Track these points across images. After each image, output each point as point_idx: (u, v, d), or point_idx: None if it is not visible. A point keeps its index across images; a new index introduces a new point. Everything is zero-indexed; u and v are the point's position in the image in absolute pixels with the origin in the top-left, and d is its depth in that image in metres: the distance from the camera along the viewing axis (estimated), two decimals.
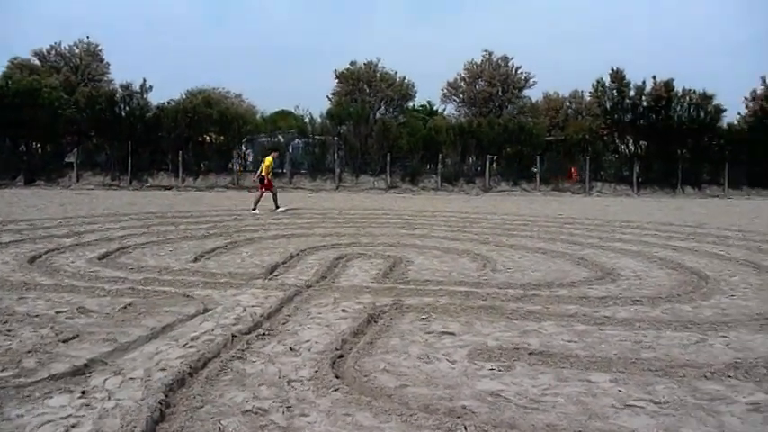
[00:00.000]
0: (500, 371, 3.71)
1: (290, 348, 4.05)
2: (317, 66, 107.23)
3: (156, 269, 7.03)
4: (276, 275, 6.81)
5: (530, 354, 4.00)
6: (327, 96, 40.04)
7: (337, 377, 3.51)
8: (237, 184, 31.05)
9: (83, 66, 42.32)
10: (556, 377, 3.62)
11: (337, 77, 39.39)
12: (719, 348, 4.24)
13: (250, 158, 34.32)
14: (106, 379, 3.44)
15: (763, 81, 35.67)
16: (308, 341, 4.23)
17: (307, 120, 35.04)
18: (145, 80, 32.89)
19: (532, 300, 5.71)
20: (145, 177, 31.38)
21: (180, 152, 31.13)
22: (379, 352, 4.04)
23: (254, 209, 15.86)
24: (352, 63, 38.96)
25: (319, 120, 34.68)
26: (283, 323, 4.71)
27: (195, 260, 7.80)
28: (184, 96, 38.72)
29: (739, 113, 36.97)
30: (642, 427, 2.95)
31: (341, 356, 3.90)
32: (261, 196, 16.38)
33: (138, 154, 31.28)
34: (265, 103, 76.68)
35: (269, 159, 17.07)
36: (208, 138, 33.39)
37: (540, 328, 4.72)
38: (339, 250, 8.78)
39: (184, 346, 4.06)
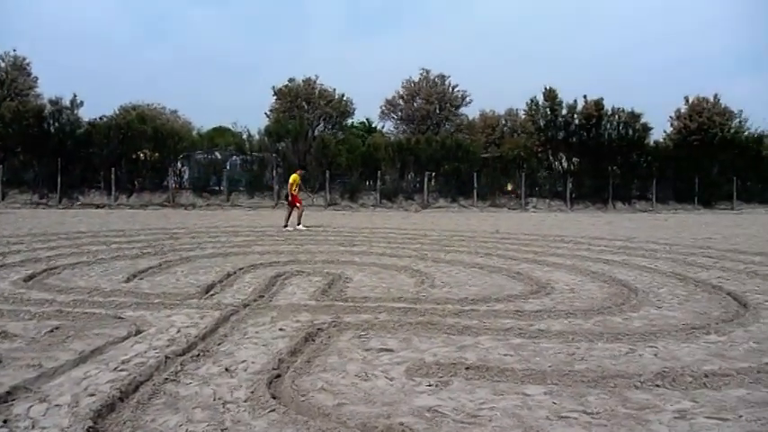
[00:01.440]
0: (437, 386, 3.73)
1: (226, 369, 3.97)
2: (255, 82, 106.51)
3: (86, 290, 6.78)
4: (212, 295, 6.67)
5: (467, 368, 4.04)
6: (266, 113, 39.91)
7: (274, 397, 3.45)
8: (173, 202, 30.43)
9: (9, 79, 40.78)
10: (492, 391, 3.66)
11: (275, 94, 39.27)
12: (648, 358, 4.38)
13: (186, 175, 33.72)
14: (30, 406, 3.28)
15: (687, 101, 37.39)
16: (244, 361, 4.15)
17: (245, 136, 34.82)
18: (75, 95, 32.05)
19: (470, 315, 5.77)
20: (75, 195, 30.42)
21: (113, 169, 30.31)
22: (317, 370, 4.00)
23: (298, 224, 16.68)
24: (291, 80, 38.98)
25: (257, 136, 34.55)
26: (219, 344, 4.61)
27: (127, 280, 7.56)
28: (117, 112, 37.90)
29: (665, 131, 38.73)
30: None
31: (278, 376, 3.85)
32: (300, 212, 17.01)
33: (69, 171, 30.31)
34: (202, 120, 75.82)
35: (294, 176, 17.23)
36: (142, 154, 32.65)
37: (476, 342, 4.77)
38: (277, 268, 8.68)
39: (115, 369, 3.92)
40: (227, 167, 33.06)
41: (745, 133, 37.11)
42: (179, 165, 33.61)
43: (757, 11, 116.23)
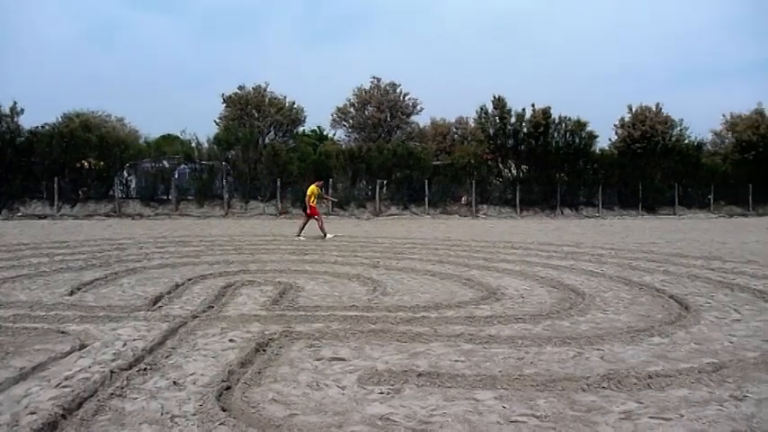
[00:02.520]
0: (389, 394, 3.73)
1: (174, 382, 3.89)
2: (204, 89, 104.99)
3: (27, 304, 6.55)
4: (160, 306, 6.54)
5: (418, 375, 4.06)
6: (215, 121, 39.34)
7: (224, 410, 3.40)
8: (119, 212, 29.72)
9: None
10: (443, 397, 3.68)
11: (225, 101, 38.76)
12: (595, 361, 4.48)
13: (133, 184, 32.98)
14: None
15: (630, 109, 38.48)
16: (193, 374, 4.08)
17: (193, 144, 34.21)
18: (15, 103, 30.99)
19: (421, 322, 5.80)
20: (16, 206, 29.40)
21: (56, 179, 29.43)
22: (268, 381, 3.96)
23: (324, 236, 16.37)
24: (241, 87, 38.52)
25: (207, 145, 33.98)
26: (167, 356, 4.52)
27: (71, 293, 7.35)
28: (60, 120, 36.91)
29: (610, 139, 39.78)
30: None
31: (228, 388, 3.79)
32: (320, 223, 16.68)
33: (9, 181, 29.30)
34: (150, 128, 74.10)
35: (311, 188, 16.93)
36: (86, 163, 31.78)
37: (428, 349, 4.79)
38: (227, 278, 8.57)
39: (57, 386, 3.80)
40: (176, 176, 32.42)
41: (686, 141, 38.37)
42: (125, 174, 32.80)
43: (693, 28, 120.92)
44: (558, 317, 6.11)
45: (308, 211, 16.70)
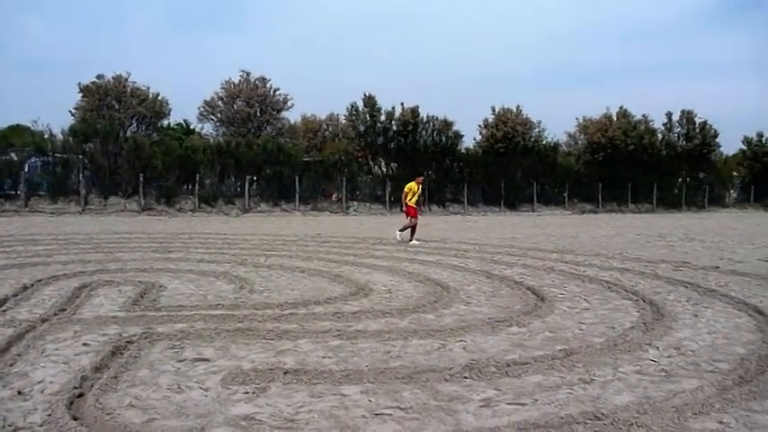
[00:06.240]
0: (254, 393, 3.66)
1: (19, 392, 3.60)
2: (58, 78, 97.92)
3: None
4: (4, 311, 6.02)
5: (285, 373, 4.01)
6: (70, 111, 36.74)
7: (75, 419, 3.19)
8: None
9: None
10: (310, 394, 3.67)
11: (82, 91, 36.33)
12: (458, 352, 4.63)
13: None
14: None
15: (493, 110, 40.25)
16: (40, 382, 3.79)
17: (46, 136, 31.86)
18: None
19: (289, 319, 5.75)
20: None
21: None
22: (125, 386, 3.76)
23: (410, 239, 14.90)
24: (99, 76, 36.21)
25: (61, 136, 31.76)
26: (11, 364, 4.16)
27: None
28: None
29: (475, 139, 41.34)
30: None
31: (80, 395, 3.56)
32: (412, 225, 15.14)
33: None
34: None
35: (409, 185, 15.60)
36: None
37: (295, 346, 4.76)
38: (83, 278, 8.05)
39: None
40: (26, 170, 30.06)
41: (544, 142, 40.72)
42: None
43: (554, 34, 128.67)
44: (423, 310, 6.27)
45: (405, 209, 15.48)
